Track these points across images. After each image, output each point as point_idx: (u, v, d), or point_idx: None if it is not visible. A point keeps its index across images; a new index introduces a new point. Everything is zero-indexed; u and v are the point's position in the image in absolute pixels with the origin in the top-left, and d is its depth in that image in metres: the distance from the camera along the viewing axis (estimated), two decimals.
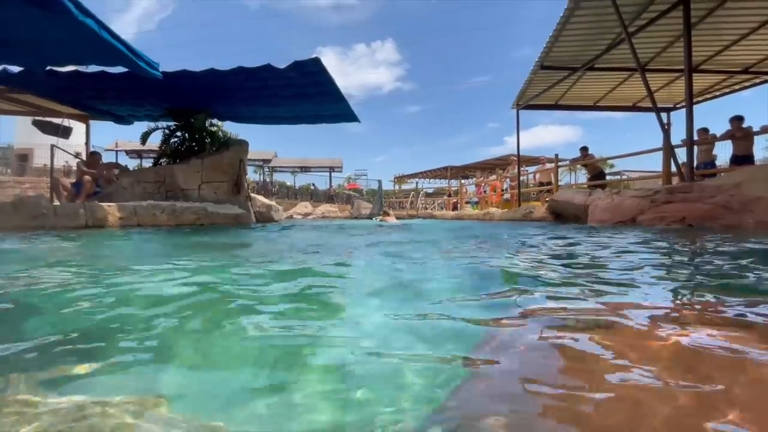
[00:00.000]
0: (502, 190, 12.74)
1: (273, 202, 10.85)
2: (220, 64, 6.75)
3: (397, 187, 30.29)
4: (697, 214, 4.85)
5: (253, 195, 9.37)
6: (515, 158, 12.58)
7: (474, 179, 17.28)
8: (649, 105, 7.72)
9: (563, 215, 7.22)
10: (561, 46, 7.53)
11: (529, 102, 9.99)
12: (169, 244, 3.82)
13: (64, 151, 7.81)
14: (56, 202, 6.53)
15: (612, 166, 20.31)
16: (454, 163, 21.80)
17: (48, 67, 6.27)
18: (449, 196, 20.37)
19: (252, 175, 25.84)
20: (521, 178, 11.44)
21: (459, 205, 15.53)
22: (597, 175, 9.28)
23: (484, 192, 14.15)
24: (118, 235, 4.64)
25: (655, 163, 8.84)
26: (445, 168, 22.28)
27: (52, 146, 7.53)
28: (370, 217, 13.22)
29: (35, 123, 8.78)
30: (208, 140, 8.37)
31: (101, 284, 1.61)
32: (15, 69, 6.69)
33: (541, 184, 11.47)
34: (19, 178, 17.10)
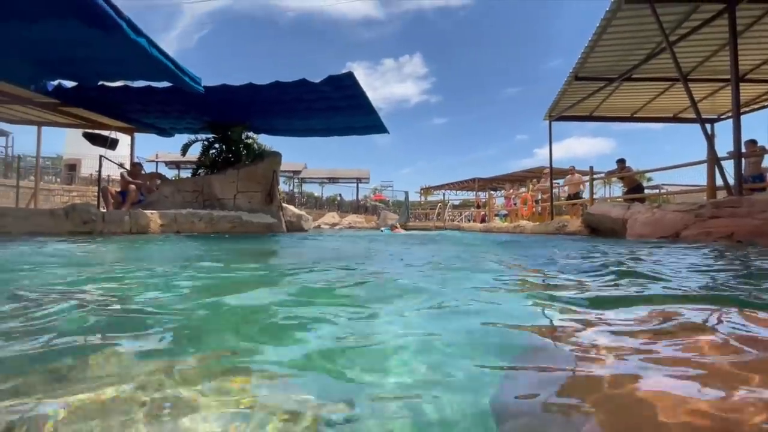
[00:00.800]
0: (535, 202, 12.45)
1: (303, 212, 11.05)
2: (254, 79, 7.02)
3: (423, 198, 30.21)
4: (747, 229, 4.59)
5: (284, 205, 9.60)
6: (548, 171, 12.33)
7: (503, 191, 17.01)
8: (692, 116, 7.43)
9: (599, 229, 6.98)
10: (597, 56, 7.38)
11: (562, 113, 9.81)
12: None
13: (111, 161, 8.28)
14: (103, 209, 6.90)
15: (649, 179, 19.58)
16: (482, 175, 21.58)
17: (100, 83, 6.71)
18: (478, 207, 20.11)
19: (282, 186, 26.45)
20: (552, 191, 11.17)
21: (488, 218, 15.30)
22: (635, 188, 8.95)
23: (514, 204, 13.88)
24: (179, 239, 4.86)
25: (696, 176, 8.46)
26: (472, 180, 22.08)
27: (101, 157, 8.00)
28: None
29: (85, 135, 9.36)
30: (244, 152, 8.68)
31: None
32: (69, 84, 7.19)
33: (569, 197, 11.19)
34: (67, 187, 18.23)
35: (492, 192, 18.96)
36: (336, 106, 7.82)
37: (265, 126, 9.55)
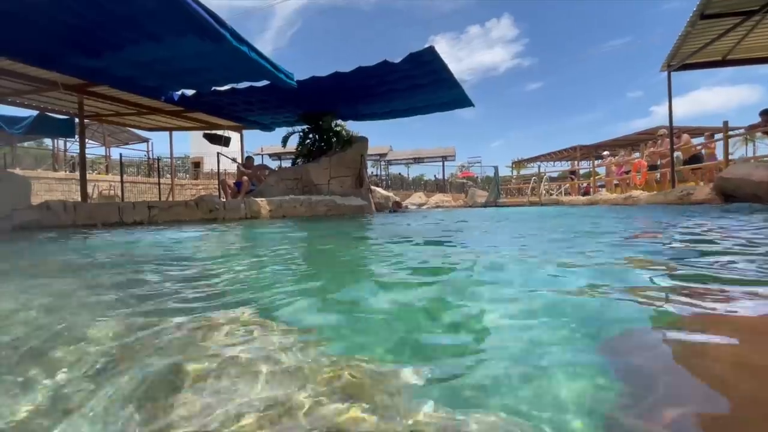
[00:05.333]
0: (653, 167, 10.81)
1: (390, 194, 11.35)
2: (341, 66, 7.32)
3: (515, 172, 28.54)
4: None
5: (372, 187, 9.96)
6: (663, 132, 10.66)
7: (612, 158, 15.19)
8: None
9: (735, 196, 5.90)
10: None
11: (685, 61, 8.31)
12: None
13: (226, 157, 9.46)
14: (223, 199, 7.95)
15: None
16: (585, 142, 19.52)
17: (212, 88, 7.64)
18: (573, 177, 18.37)
19: (369, 169, 27.31)
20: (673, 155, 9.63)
21: (592, 190, 13.92)
22: None
23: (626, 173, 12.32)
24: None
25: None
26: (573, 148, 20.11)
27: (218, 154, 9.18)
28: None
29: (205, 136, 10.80)
30: (334, 139, 9.18)
31: None
32: (189, 92, 8.32)
33: (685, 162, 9.60)
34: (194, 181, 21.30)
35: (598, 160, 17.01)
36: (418, 84, 7.76)
37: (351, 112, 9.93)
